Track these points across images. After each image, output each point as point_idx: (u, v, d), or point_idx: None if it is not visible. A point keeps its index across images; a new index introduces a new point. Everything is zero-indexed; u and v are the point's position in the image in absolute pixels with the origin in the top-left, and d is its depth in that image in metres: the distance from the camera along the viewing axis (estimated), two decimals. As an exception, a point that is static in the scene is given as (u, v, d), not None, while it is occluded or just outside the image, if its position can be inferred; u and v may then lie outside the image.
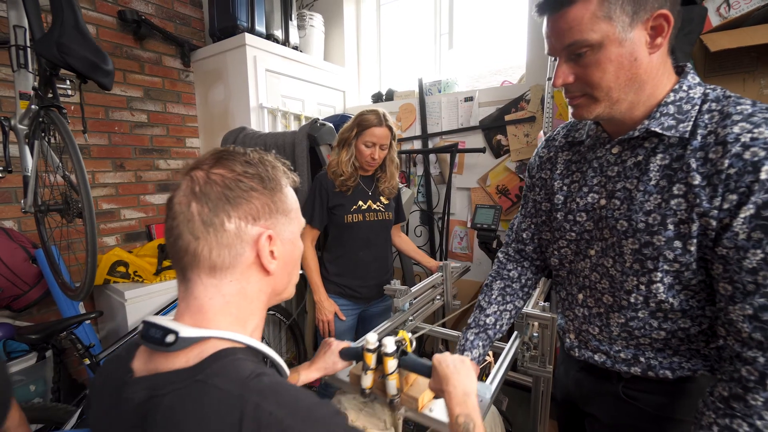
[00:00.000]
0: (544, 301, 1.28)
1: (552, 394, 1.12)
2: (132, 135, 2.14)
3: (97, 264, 1.16)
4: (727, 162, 0.54)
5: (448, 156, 2.36)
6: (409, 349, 0.78)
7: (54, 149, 1.24)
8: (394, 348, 0.74)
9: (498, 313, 0.90)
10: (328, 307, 1.55)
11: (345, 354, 0.85)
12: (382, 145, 1.47)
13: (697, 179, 0.56)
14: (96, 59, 0.96)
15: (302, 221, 0.56)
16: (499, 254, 0.97)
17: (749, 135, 0.52)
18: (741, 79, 1.28)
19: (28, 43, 1.20)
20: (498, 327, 0.89)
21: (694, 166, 0.57)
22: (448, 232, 2.41)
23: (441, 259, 2.32)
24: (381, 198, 1.57)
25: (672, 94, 0.60)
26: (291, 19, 2.39)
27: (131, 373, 0.46)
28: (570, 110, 0.66)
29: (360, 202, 1.53)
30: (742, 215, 0.53)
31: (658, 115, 0.60)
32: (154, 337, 0.44)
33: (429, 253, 2.49)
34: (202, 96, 2.39)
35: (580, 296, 0.77)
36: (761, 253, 0.52)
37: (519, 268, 0.93)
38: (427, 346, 2.21)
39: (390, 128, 1.48)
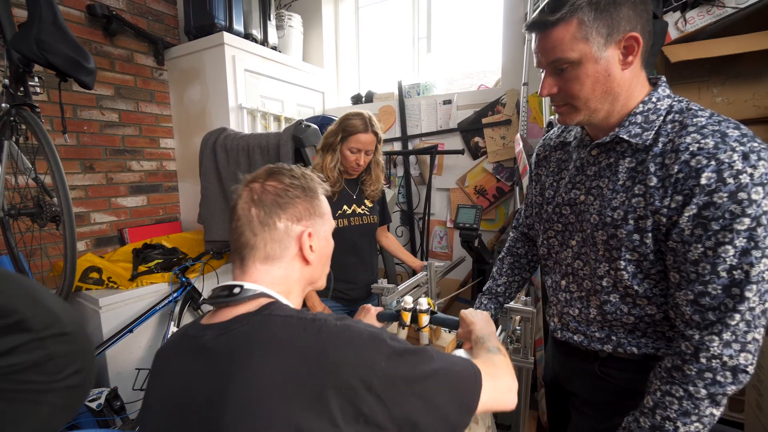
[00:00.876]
0: (525, 296, 1.35)
1: (543, 377, 1.21)
2: (102, 135, 2.05)
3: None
4: (676, 167, 0.61)
5: (428, 157, 2.41)
6: (434, 309, 0.96)
7: (24, 150, 1.18)
8: (427, 306, 0.91)
9: (507, 283, 1.08)
10: (321, 311, 1.55)
11: (382, 317, 0.99)
12: (368, 150, 1.46)
13: (654, 181, 0.64)
14: (78, 57, 0.93)
15: (333, 223, 0.69)
16: (511, 233, 1.13)
17: (696, 145, 0.60)
18: (696, 87, 1.40)
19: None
20: (507, 294, 1.08)
21: (652, 169, 0.64)
22: (429, 232, 2.46)
23: (422, 259, 2.37)
24: (366, 201, 1.58)
25: (641, 105, 0.67)
26: (269, 19, 2.37)
27: (201, 326, 0.56)
28: (556, 116, 0.73)
29: (344, 207, 1.53)
30: (686, 214, 0.60)
31: (627, 123, 0.67)
32: (221, 294, 0.56)
33: (410, 252, 2.53)
34: (177, 95, 2.32)
35: (563, 282, 0.84)
36: (701, 247, 0.59)
37: (526, 246, 1.08)
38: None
39: (376, 133, 1.47)
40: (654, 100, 0.67)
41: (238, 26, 2.16)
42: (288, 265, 0.61)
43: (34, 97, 1.19)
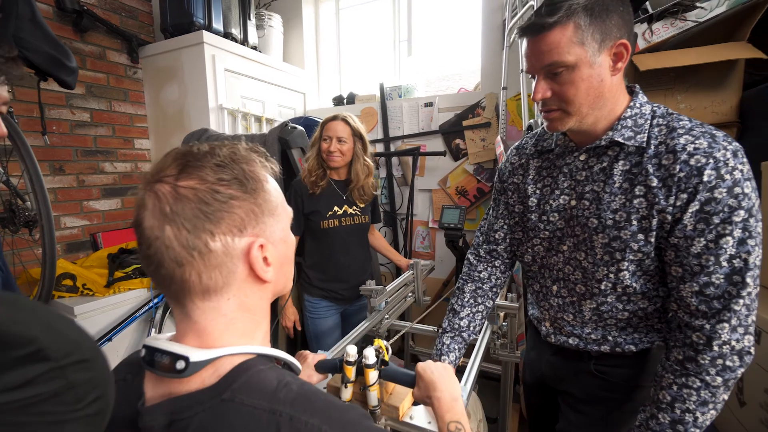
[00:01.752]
0: (507, 293, 1.41)
1: (522, 378, 1.22)
2: (73, 135, 1.96)
3: (32, 278, 1.06)
4: (678, 167, 0.64)
5: (410, 159, 2.45)
6: (387, 357, 0.78)
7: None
8: (375, 359, 0.75)
9: (471, 315, 0.95)
10: (289, 315, 1.59)
11: (321, 367, 0.82)
12: (340, 137, 1.50)
13: (655, 181, 0.67)
14: (59, 55, 0.88)
15: (289, 211, 0.52)
16: (469, 256, 1.02)
17: (692, 145, 0.64)
18: (662, 94, 1.50)
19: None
20: (471, 329, 0.94)
21: (651, 170, 0.67)
22: (412, 232, 2.50)
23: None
24: (357, 202, 1.61)
25: (629, 110, 0.71)
26: (249, 18, 2.33)
27: (143, 400, 0.43)
28: (545, 123, 0.76)
29: (335, 208, 1.55)
30: (690, 210, 0.63)
31: (619, 127, 0.70)
32: (161, 362, 0.42)
33: (393, 253, 2.56)
34: (152, 94, 2.25)
35: (555, 288, 0.85)
36: (704, 240, 0.63)
37: (489, 269, 0.98)
38: (395, 344, 2.27)
39: (347, 122, 1.51)
40: (638, 105, 0.71)
41: (218, 25, 2.11)
42: (239, 292, 0.45)
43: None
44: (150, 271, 0.43)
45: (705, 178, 0.62)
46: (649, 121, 0.70)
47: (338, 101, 2.74)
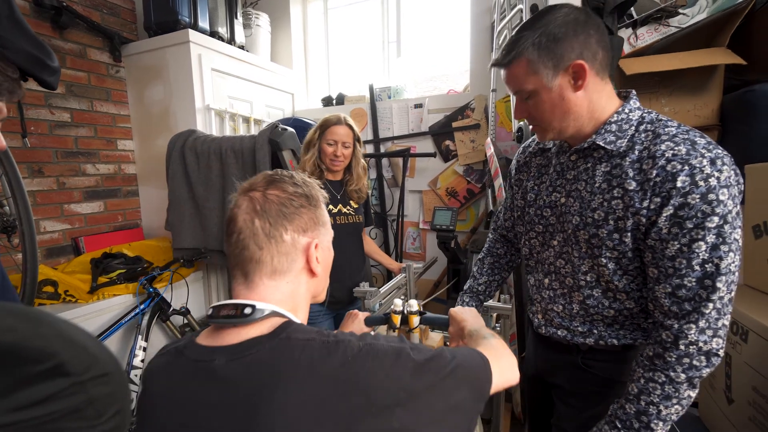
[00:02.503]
0: (500, 294, 1.42)
1: (524, 372, 1.28)
2: (52, 136, 1.89)
3: (14, 284, 1.02)
4: (654, 172, 0.67)
5: (400, 160, 2.45)
6: (422, 310, 0.97)
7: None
8: (417, 308, 0.93)
9: (488, 282, 1.14)
10: None
11: (370, 321, 0.98)
12: (345, 143, 1.51)
13: (633, 185, 0.70)
14: (41, 54, 0.84)
15: (332, 231, 0.66)
16: (490, 234, 1.18)
17: (671, 152, 0.67)
18: (648, 98, 1.54)
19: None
20: (487, 293, 1.15)
21: (630, 174, 0.71)
22: (402, 234, 2.50)
23: (396, 260, 2.41)
24: (351, 202, 1.60)
25: (616, 115, 0.75)
26: (236, 17, 2.29)
27: (204, 348, 0.52)
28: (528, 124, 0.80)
29: (330, 206, 1.54)
30: (664, 214, 0.66)
31: (603, 131, 0.75)
32: (228, 314, 0.52)
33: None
34: (136, 94, 2.19)
35: (546, 280, 0.90)
36: (677, 243, 0.66)
37: (505, 247, 1.14)
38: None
39: (351, 127, 1.53)
40: (626, 111, 0.75)
41: (204, 23, 2.07)
42: (295, 279, 0.58)
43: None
44: (236, 254, 0.55)
45: (678, 184, 0.65)
46: (634, 127, 0.73)
47: (327, 102, 2.72)
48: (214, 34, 2.13)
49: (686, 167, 0.65)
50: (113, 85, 2.14)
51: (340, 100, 2.68)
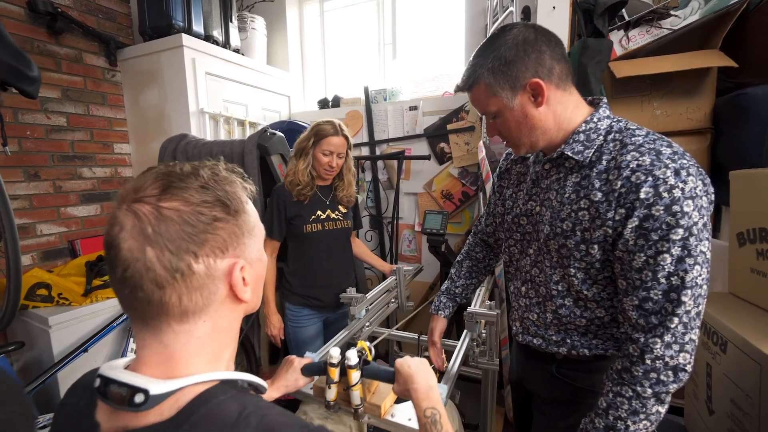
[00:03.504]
0: (489, 300, 1.41)
1: (508, 380, 1.28)
2: (48, 140, 1.91)
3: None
4: (619, 183, 0.67)
5: (395, 162, 2.45)
6: (369, 358, 0.83)
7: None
8: (357, 360, 0.79)
9: (465, 285, 1.16)
10: (275, 323, 1.58)
11: (307, 370, 0.87)
12: (339, 153, 1.50)
13: (598, 196, 0.70)
14: (19, 65, 0.86)
15: (263, 230, 0.52)
16: (470, 237, 1.19)
17: (636, 162, 0.66)
18: (639, 101, 1.52)
19: None
20: (464, 295, 1.17)
21: (597, 185, 0.70)
22: (398, 236, 2.50)
23: (391, 263, 2.40)
24: (339, 207, 1.60)
25: (584, 124, 0.74)
26: (231, 21, 2.30)
27: (97, 430, 0.42)
28: None
29: (318, 212, 1.54)
30: (629, 225, 0.66)
31: (571, 141, 0.75)
32: (117, 394, 0.39)
33: (379, 256, 2.55)
34: (132, 98, 2.21)
35: (523, 288, 0.90)
36: (644, 255, 0.65)
37: (484, 251, 1.15)
38: (380, 348, 2.27)
39: (346, 137, 1.52)
40: (595, 120, 0.74)
41: (198, 27, 2.08)
42: (216, 314, 0.44)
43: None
44: (124, 295, 0.41)
45: (642, 195, 0.64)
46: (602, 137, 0.73)
47: (323, 104, 2.72)
48: (208, 38, 2.14)
49: (650, 178, 0.64)
50: (109, 90, 2.16)
51: (336, 102, 2.68)
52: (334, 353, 0.81)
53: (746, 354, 0.87)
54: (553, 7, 1.50)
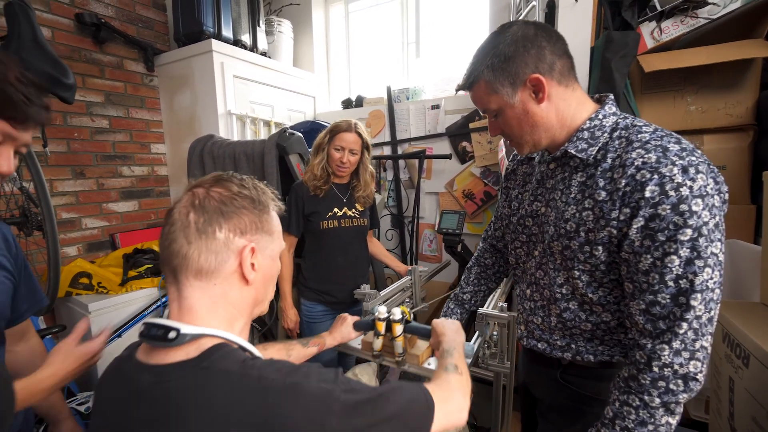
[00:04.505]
0: (504, 302, 1.38)
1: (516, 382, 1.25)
2: (93, 141, 2.07)
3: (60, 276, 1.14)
4: (623, 181, 0.64)
5: (416, 161, 2.44)
6: (409, 318, 0.98)
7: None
8: (401, 316, 0.93)
9: (474, 292, 1.14)
10: (291, 316, 1.62)
11: (358, 326, 1.03)
12: (352, 150, 1.52)
13: (602, 195, 0.67)
14: (56, 73, 0.95)
15: (283, 244, 0.63)
16: (480, 243, 1.17)
17: (641, 159, 0.63)
18: (672, 96, 1.42)
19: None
20: (473, 302, 1.14)
21: (601, 184, 0.68)
22: (418, 236, 2.49)
23: (411, 262, 2.40)
24: (356, 205, 1.63)
25: (588, 121, 0.72)
26: (259, 25, 2.39)
27: (138, 364, 0.52)
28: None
29: (335, 209, 1.57)
30: (635, 226, 0.63)
31: (575, 139, 0.72)
32: (156, 334, 0.50)
33: (400, 255, 2.56)
34: (167, 101, 2.35)
35: (528, 291, 0.88)
36: (650, 257, 0.62)
37: (494, 257, 1.13)
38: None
39: (360, 135, 1.53)
40: (600, 117, 0.71)
41: (227, 32, 2.18)
42: (225, 282, 0.54)
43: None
44: (164, 246, 0.53)
45: (647, 194, 0.61)
46: (607, 134, 0.70)
47: (347, 104, 2.76)
48: (237, 42, 2.24)
49: (656, 176, 0.61)
50: (147, 93, 2.31)
51: (359, 102, 2.71)
52: (382, 309, 0.95)
53: (772, 369, 0.79)
54: (576, 0, 1.44)
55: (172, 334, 0.49)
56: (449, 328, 0.84)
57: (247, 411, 0.44)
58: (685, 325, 0.61)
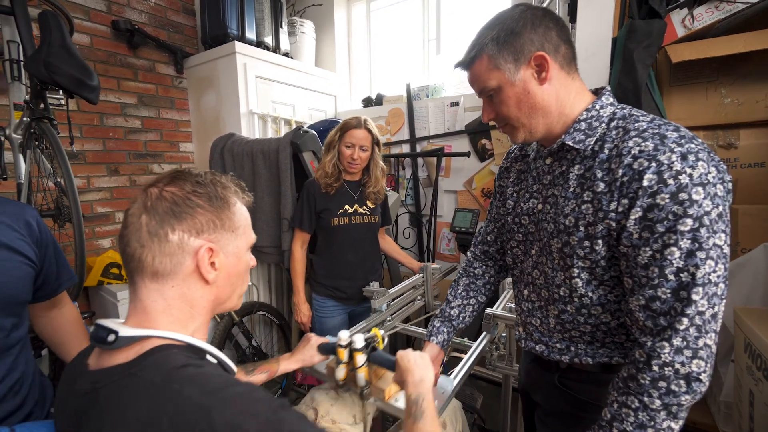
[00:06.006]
0: (510, 304, 1.34)
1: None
2: (126, 140, 2.21)
3: (86, 265, 1.22)
4: (621, 171, 0.61)
5: (435, 159, 2.41)
6: (381, 346, 0.86)
7: (46, 156, 1.31)
8: (363, 344, 0.83)
9: (462, 306, 1.01)
10: (304, 311, 1.65)
11: (322, 348, 0.94)
12: (362, 146, 1.53)
13: (601, 186, 0.65)
14: (82, 76, 1.02)
15: (251, 237, 0.61)
16: (468, 253, 1.07)
17: (638, 148, 0.60)
18: (704, 88, 1.33)
19: (21, 58, 1.27)
20: (461, 318, 1.00)
21: (599, 175, 0.65)
22: (436, 234, 2.46)
23: (429, 261, 2.38)
24: (367, 202, 1.64)
25: (585, 112, 0.69)
26: (281, 26, 2.45)
27: (85, 368, 0.52)
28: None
29: (346, 206, 1.59)
30: (632, 217, 0.60)
31: (572, 130, 0.69)
32: (100, 336, 0.49)
33: (417, 254, 2.54)
34: (195, 102, 2.46)
35: (525, 292, 0.85)
36: (650, 250, 0.59)
37: (483, 267, 1.03)
38: (398, 344, 2.26)
39: (370, 131, 1.54)
40: (597, 107, 0.69)
41: (251, 35, 2.25)
42: (183, 284, 0.52)
43: (59, 108, 1.31)
44: (121, 249, 0.53)
45: (645, 183, 0.58)
46: (604, 124, 0.67)
47: (367, 102, 2.78)
48: (260, 44, 2.31)
49: (653, 164, 0.58)
50: (177, 95, 2.43)
51: (379, 100, 2.72)
52: (343, 335, 0.86)
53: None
54: (597, -12, 1.37)
55: (111, 337, 0.48)
56: (416, 363, 0.73)
57: (155, 425, 0.41)
58: (686, 321, 0.57)
